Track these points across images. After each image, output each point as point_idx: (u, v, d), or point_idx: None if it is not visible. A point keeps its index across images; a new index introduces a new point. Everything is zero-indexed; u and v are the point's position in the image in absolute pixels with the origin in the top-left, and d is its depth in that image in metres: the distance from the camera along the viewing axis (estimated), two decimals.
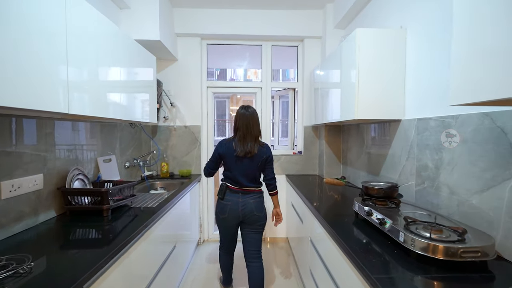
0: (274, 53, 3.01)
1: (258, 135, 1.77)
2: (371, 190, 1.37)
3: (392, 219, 1.14)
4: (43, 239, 1.20)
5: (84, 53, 1.26)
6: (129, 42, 1.78)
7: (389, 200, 1.35)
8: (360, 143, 2.27)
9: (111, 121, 1.93)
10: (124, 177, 2.27)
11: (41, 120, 1.38)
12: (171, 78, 2.86)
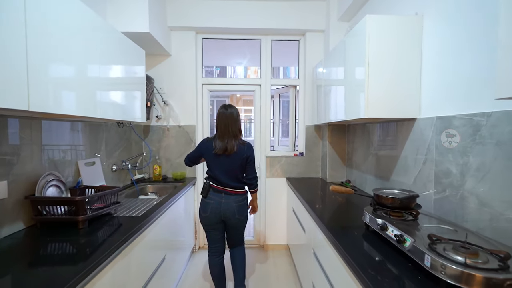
0: (274, 49, 2.83)
1: (237, 134, 1.78)
2: (385, 199, 1.19)
3: (413, 236, 0.96)
4: (6, 256, 1.02)
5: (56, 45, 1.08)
6: (114, 34, 1.61)
7: (406, 211, 1.16)
8: (367, 144, 2.08)
9: (95, 120, 1.75)
10: (110, 181, 2.09)
11: (5, 119, 1.20)
12: (164, 74, 2.68)
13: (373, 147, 1.97)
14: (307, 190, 2.29)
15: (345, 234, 1.24)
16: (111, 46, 1.59)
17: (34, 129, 1.36)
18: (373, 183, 1.98)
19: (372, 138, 1.99)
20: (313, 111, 2.65)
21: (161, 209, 1.75)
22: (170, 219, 1.98)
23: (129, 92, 1.83)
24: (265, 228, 2.85)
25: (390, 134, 1.74)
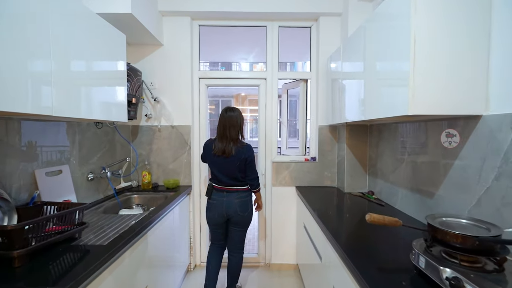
0: (281, 41, 2.43)
1: (235, 138, 1.78)
2: (451, 236, 0.79)
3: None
4: None
5: None
6: (85, 13, 1.26)
7: (485, 257, 0.76)
8: (398, 148, 1.68)
9: (63, 119, 1.41)
10: (86, 193, 1.75)
11: None
12: (154, 67, 2.33)
13: (407, 152, 1.57)
14: (321, 203, 1.90)
15: (386, 282, 0.85)
16: (81, 29, 1.25)
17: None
18: (407, 199, 1.57)
19: (406, 140, 1.58)
20: (328, 109, 2.26)
21: (142, 228, 1.39)
22: (157, 237, 1.63)
23: (106, 86, 1.49)
24: (271, 244, 2.47)
25: (435, 136, 1.33)
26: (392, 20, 1.18)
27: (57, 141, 1.52)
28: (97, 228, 1.38)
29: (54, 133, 1.50)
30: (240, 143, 1.80)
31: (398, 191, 1.67)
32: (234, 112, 1.79)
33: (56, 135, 1.51)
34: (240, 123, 1.79)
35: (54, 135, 1.50)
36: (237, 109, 1.84)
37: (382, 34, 1.28)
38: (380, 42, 1.30)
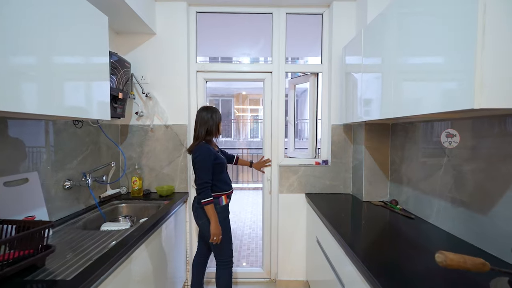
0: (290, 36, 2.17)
1: (198, 136, 1.66)
2: None
3: None
4: None
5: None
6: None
7: None
8: (432, 150, 1.41)
9: (30, 117, 1.14)
10: (61, 203, 1.48)
11: None
12: (146, 59, 2.07)
13: (447, 156, 1.30)
14: (337, 213, 1.65)
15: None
16: (51, 9, 0.98)
17: None
18: (447, 213, 1.30)
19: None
20: (341, 106, 1.99)
21: (125, 251, 1.13)
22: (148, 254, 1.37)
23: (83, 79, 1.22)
24: (278, 258, 2.20)
25: (495, 136, 1.07)
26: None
27: (22, 143, 1.25)
28: (69, 250, 1.11)
29: (19, 133, 1.23)
30: (197, 142, 1.64)
31: (433, 202, 1.40)
32: (205, 112, 1.68)
33: (22, 135, 1.24)
34: (211, 122, 1.65)
35: (19, 135, 1.23)
36: (213, 108, 1.71)
37: (430, 18, 1.01)
38: (427, 27, 1.03)
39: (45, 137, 1.38)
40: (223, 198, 1.66)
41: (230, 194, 1.73)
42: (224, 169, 1.70)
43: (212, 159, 1.59)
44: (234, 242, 3.22)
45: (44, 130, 1.37)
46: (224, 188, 1.67)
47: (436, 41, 0.96)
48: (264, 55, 4.45)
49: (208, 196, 1.54)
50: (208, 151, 1.58)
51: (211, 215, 1.55)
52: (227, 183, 1.70)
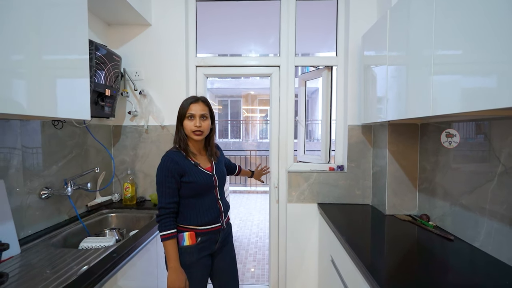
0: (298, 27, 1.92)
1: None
2: None
3: None
4: None
5: None
6: None
7: None
8: (481, 155, 1.13)
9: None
10: (37, 216, 1.29)
11: None
12: (140, 53, 1.87)
13: (501, 164, 1.02)
14: (355, 229, 1.41)
15: None
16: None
17: None
18: (501, 236, 1.02)
19: (501, 146, 1.03)
20: (360, 104, 1.73)
21: (100, 277, 0.92)
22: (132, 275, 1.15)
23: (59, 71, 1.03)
24: (286, 275, 1.95)
25: None
26: None
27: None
28: (27, 277, 0.91)
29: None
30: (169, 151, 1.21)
31: (480, 222, 1.12)
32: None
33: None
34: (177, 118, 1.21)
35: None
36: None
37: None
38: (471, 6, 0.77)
39: (14, 140, 1.19)
40: (186, 236, 1.13)
41: (206, 232, 1.16)
42: (199, 193, 1.16)
43: (176, 176, 1.11)
44: (239, 251, 2.99)
45: (12, 132, 1.19)
46: (191, 221, 1.15)
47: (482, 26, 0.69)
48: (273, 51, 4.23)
49: (164, 227, 1.09)
50: (169, 163, 1.11)
51: (167, 256, 1.10)
52: (200, 213, 1.15)
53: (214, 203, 1.20)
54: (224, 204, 1.27)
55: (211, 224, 1.18)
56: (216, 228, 1.20)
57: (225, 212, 1.26)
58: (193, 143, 1.20)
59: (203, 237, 1.16)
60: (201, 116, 1.15)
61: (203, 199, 1.17)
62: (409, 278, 0.93)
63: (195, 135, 1.15)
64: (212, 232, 1.19)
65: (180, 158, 1.14)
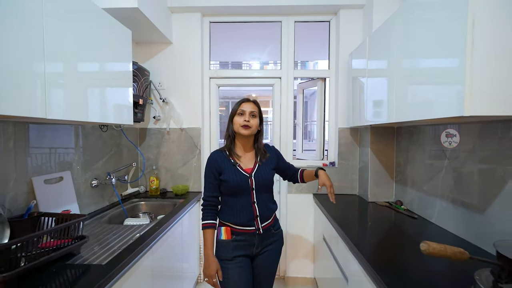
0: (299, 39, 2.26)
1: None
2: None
3: None
4: None
5: None
6: (87, 8, 1.14)
7: None
8: (435, 153, 1.47)
9: (64, 122, 1.29)
10: (89, 200, 1.63)
11: None
12: (163, 67, 2.21)
13: (447, 158, 1.36)
14: (343, 213, 1.72)
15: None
16: (83, 25, 1.13)
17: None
18: (447, 213, 1.36)
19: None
20: (348, 110, 2.07)
21: (148, 243, 1.26)
22: (164, 249, 1.49)
23: (110, 87, 1.37)
24: (286, 256, 2.29)
25: (488, 139, 1.13)
26: (440, 9, 1.00)
27: (57, 146, 1.41)
28: (98, 241, 1.25)
29: (54, 137, 1.38)
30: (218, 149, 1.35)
31: (435, 203, 1.46)
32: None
33: (56, 139, 1.40)
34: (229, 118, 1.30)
35: (54, 139, 1.39)
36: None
37: (426, 26, 1.09)
38: (423, 35, 1.11)
39: (75, 140, 1.53)
40: (223, 230, 1.21)
41: (241, 232, 1.20)
42: (234, 192, 1.20)
43: (215, 173, 1.20)
44: None
45: (74, 133, 1.53)
46: (227, 217, 1.22)
47: (435, 48, 1.04)
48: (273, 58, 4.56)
49: (204, 217, 1.21)
50: (210, 161, 1.23)
51: (204, 243, 1.19)
52: (234, 213, 1.20)
53: (249, 206, 1.20)
54: (262, 208, 1.22)
55: (244, 226, 1.20)
56: (250, 231, 1.20)
57: (261, 217, 1.21)
58: (240, 140, 1.24)
59: (237, 236, 1.20)
60: (250, 113, 1.21)
61: (238, 199, 1.20)
62: (383, 248, 1.26)
63: (243, 129, 1.18)
64: (247, 234, 1.20)
65: (220, 157, 1.23)
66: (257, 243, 1.22)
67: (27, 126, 1.23)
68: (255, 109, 1.23)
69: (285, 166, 1.40)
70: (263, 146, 1.31)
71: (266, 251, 1.26)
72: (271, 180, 1.28)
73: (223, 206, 1.25)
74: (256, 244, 1.22)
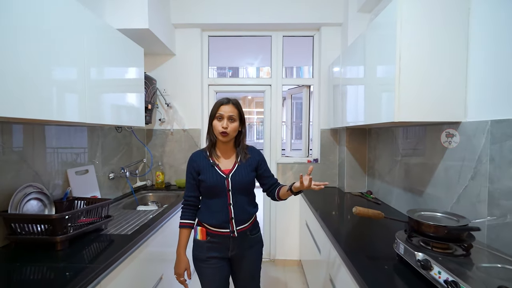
0: (287, 47, 2.59)
1: None
2: (425, 227, 0.92)
3: (472, 285, 0.69)
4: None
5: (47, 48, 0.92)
6: (107, 31, 1.45)
7: (455, 244, 0.89)
8: (392, 150, 1.80)
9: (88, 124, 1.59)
10: (107, 190, 1.94)
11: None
12: (167, 75, 2.52)
13: (400, 155, 1.69)
14: (322, 202, 2.04)
15: (372, 268, 0.99)
16: (105, 44, 1.43)
17: (6, 134, 1.21)
18: (400, 197, 1.69)
19: (399, 143, 1.71)
20: (329, 113, 2.40)
21: (158, 222, 1.57)
22: (170, 232, 1.79)
23: (126, 94, 1.67)
24: (276, 241, 2.61)
25: (423, 139, 1.46)
26: (382, 30, 1.32)
27: (84, 144, 1.71)
28: (119, 222, 1.56)
29: (82, 137, 1.69)
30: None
31: (393, 190, 1.79)
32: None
33: (83, 139, 1.70)
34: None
35: (82, 139, 1.69)
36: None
37: (375, 43, 1.41)
38: (374, 51, 1.43)
39: (97, 140, 1.84)
40: (198, 230, 1.21)
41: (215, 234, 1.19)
42: (211, 193, 1.20)
43: (194, 173, 1.22)
44: None
45: (96, 134, 1.83)
46: (203, 218, 1.22)
47: (377, 73, 1.36)
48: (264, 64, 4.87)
49: (182, 216, 1.24)
50: (189, 161, 1.25)
51: (178, 242, 1.23)
52: (210, 214, 1.20)
53: (224, 207, 1.18)
54: (238, 211, 1.19)
55: (219, 228, 1.18)
56: (224, 233, 1.18)
57: (237, 219, 1.19)
58: (221, 143, 1.23)
59: (211, 238, 1.19)
60: (229, 118, 1.16)
61: (215, 200, 1.18)
62: (352, 228, 1.58)
63: (221, 136, 1.17)
64: (221, 236, 1.19)
65: (200, 157, 1.23)
66: (231, 246, 1.20)
67: (65, 128, 1.54)
68: (234, 112, 1.18)
69: (264, 173, 1.30)
70: (245, 146, 1.28)
71: (243, 255, 1.24)
72: (250, 183, 1.23)
73: (202, 206, 1.25)
74: (231, 247, 1.20)
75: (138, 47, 1.82)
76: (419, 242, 0.96)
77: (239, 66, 5.99)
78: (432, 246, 0.91)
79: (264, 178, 1.31)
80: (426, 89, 1.17)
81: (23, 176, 1.27)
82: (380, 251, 1.14)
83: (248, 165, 1.24)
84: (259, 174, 1.29)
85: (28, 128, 1.30)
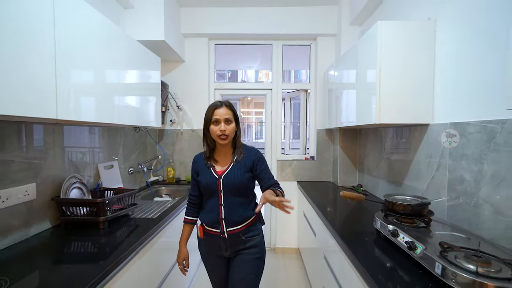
0: (286, 53, 2.86)
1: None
2: (396, 206, 1.19)
3: (424, 243, 0.96)
4: (34, 253, 1.11)
5: (81, 56, 1.17)
6: (130, 42, 1.69)
7: (418, 218, 1.16)
8: (379, 148, 2.07)
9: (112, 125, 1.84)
10: (127, 183, 2.18)
11: (31, 125, 1.29)
12: (177, 80, 2.77)
13: (385, 152, 1.96)
14: (318, 194, 2.30)
15: (356, 240, 1.25)
16: (128, 54, 1.67)
17: (57, 134, 1.45)
18: (385, 188, 1.96)
19: (384, 142, 1.97)
20: (324, 115, 2.66)
21: (175, 211, 1.81)
22: None
23: (145, 98, 1.92)
24: (276, 231, 2.87)
25: (402, 138, 1.73)
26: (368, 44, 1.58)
27: (109, 142, 1.95)
28: (142, 209, 1.81)
29: (109, 136, 1.93)
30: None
31: (379, 183, 2.06)
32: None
33: (108, 137, 1.95)
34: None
35: (109, 138, 1.94)
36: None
37: (365, 54, 1.67)
38: (363, 60, 1.69)
39: (119, 139, 2.08)
40: (198, 228, 1.29)
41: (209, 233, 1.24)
42: (206, 193, 1.25)
43: (194, 174, 1.29)
44: None
45: (118, 134, 2.08)
46: (201, 217, 1.30)
47: (365, 79, 1.63)
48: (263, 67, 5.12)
49: (185, 213, 1.34)
50: (192, 162, 1.32)
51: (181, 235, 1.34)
52: (205, 213, 1.26)
53: (216, 208, 1.21)
54: (229, 212, 1.20)
55: (211, 227, 1.22)
56: (215, 233, 1.21)
57: (227, 220, 1.19)
58: (220, 146, 1.24)
59: (206, 236, 1.26)
60: (225, 120, 1.18)
61: (210, 200, 1.23)
62: (344, 216, 1.85)
63: (221, 139, 1.18)
64: (213, 235, 1.22)
65: (200, 159, 1.28)
66: (223, 246, 1.22)
67: (96, 129, 1.78)
68: (229, 114, 1.19)
69: (260, 174, 1.26)
70: (241, 145, 1.28)
71: (239, 259, 1.23)
72: (243, 183, 1.21)
73: (202, 205, 1.31)
74: (223, 247, 1.22)
75: (156, 56, 2.06)
76: (393, 220, 1.22)
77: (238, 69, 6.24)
78: (401, 220, 1.17)
79: (260, 180, 1.27)
80: (401, 96, 1.44)
81: (67, 168, 1.51)
82: (364, 229, 1.40)
83: (242, 166, 1.22)
84: (255, 174, 1.26)
85: (70, 129, 1.54)
